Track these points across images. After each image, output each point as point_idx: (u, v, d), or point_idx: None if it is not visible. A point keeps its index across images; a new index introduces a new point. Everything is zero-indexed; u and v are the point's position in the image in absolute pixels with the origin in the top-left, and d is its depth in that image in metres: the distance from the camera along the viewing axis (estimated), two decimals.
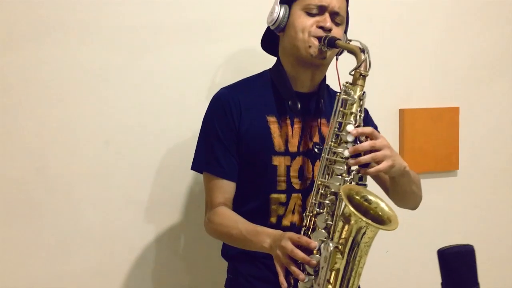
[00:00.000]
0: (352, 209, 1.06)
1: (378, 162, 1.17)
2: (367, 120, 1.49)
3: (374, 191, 1.22)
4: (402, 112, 2.02)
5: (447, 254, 1.00)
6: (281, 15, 1.32)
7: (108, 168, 1.66)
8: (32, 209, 1.60)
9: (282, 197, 1.32)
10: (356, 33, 1.89)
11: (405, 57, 2.02)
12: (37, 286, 1.61)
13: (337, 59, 1.39)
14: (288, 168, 1.33)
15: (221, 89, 1.40)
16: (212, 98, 1.39)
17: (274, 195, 1.33)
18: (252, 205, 1.35)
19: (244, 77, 1.46)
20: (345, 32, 1.41)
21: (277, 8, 1.33)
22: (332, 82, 1.42)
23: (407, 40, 2.01)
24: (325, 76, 1.41)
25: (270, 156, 1.32)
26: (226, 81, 1.50)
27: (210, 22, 1.70)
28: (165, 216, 1.73)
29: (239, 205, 1.37)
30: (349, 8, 1.41)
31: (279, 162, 1.33)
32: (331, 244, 1.09)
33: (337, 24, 1.33)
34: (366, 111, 1.50)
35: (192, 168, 1.41)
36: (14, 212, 1.58)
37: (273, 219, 1.33)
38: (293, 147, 1.34)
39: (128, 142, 1.67)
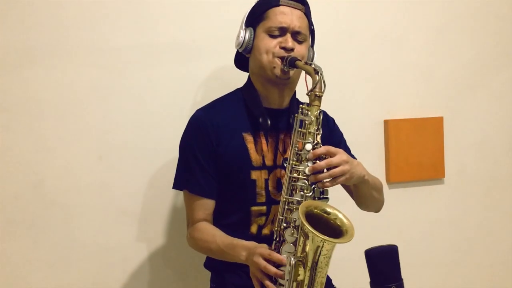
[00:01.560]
0: (308, 226, 1.13)
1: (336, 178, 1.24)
2: (334, 130, 1.57)
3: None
4: (386, 123, 2.08)
5: (372, 254, 1.07)
6: (246, 38, 1.40)
7: (102, 183, 1.73)
8: (29, 223, 1.66)
9: (263, 208, 1.39)
10: (339, 45, 1.99)
11: (389, 69, 2.09)
12: None
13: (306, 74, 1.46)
14: (266, 181, 1.40)
15: (197, 111, 1.47)
16: (189, 120, 1.46)
17: (254, 208, 1.39)
18: (233, 217, 1.42)
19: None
20: (312, 45, 1.49)
21: (242, 32, 1.41)
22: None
23: (390, 52, 2.08)
24: (295, 92, 1.48)
25: (249, 171, 1.39)
26: (213, 97, 1.56)
27: (195, 41, 1.77)
28: (158, 229, 1.79)
29: (220, 218, 1.44)
30: (314, 24, 1.49)
31: (257, 176, 1.39)
32: (292, 258, 1.16)
33: (299, 42, 1.40)
34: (332, 120, 1.59)
35: (174, 187, 1.48)
36: (12, 226, 1.64)
37: (254, 229, 1.40)
38: (269, 161, 1.41)
39: (121, 158, 1.74)
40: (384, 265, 1.05)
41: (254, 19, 1.43)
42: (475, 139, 2.21)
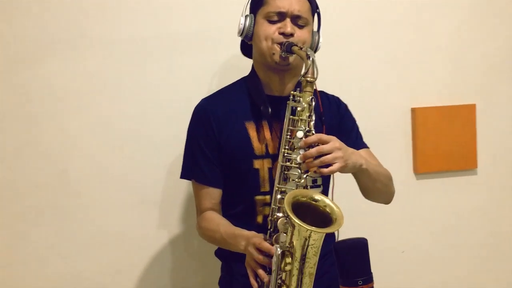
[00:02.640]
0: (292, 217, 1.11)
1: (329, 165, 1.20)
2: (345, 116, 1.52)
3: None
4: (414, 111, 2.01)
5: (340, 248, 1.03)
6: (246, 25, 1.38)
7: (123, 172, 1.78)
8: (54, 211, 1.74)
9: (267, 198, 1.37)
10: (365, 32, 1.94)
11: (416, 54, 2.01)
12: (59, 284, 1.75)
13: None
14: (270, 170, 1.38)
15: (201, 100, 1.47)
16: (193, 111, 1.47)
17: (258, 197, 1.38)
18: (239, 207, 1.42)
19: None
20: (318, 30, 1.45)
21: (242, 19, 1.39)
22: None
23: (418, 36, 2.01)
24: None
25: (251, 160, 1.38)
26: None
27: (210, 31, 1.78)
28: (177, 217, 1.82)
29: (227, 209, 1.45)
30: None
31: (260, 165, 1.38)
32: (278, 249, 1.15)
33: (300, 27, 1.36)
34: (344, 107, 1.54)
35: (181, 177, 1.49)
36: (38, 214, 1.72)
37: (260, 219, 1.39)
38: (272, 150, 1.38)
39: (141, 147, 1.78)
40: (352, 259, 1.01)
41: (254, 5, 1.41)
42: (510, 127, 2.09)
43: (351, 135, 1.50)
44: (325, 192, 1.47)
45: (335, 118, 1.48)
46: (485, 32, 2.06)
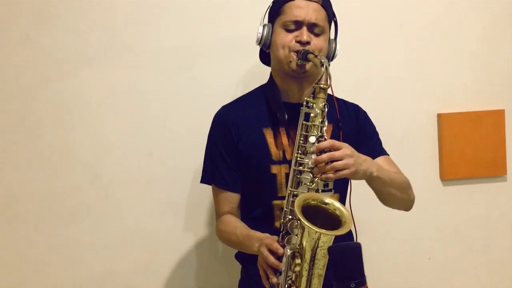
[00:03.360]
0: (302, 219, 1.14)
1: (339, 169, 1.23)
2: (364, 124, 1.54)
3: None
4: (440, 116, 2.00)
5: (334, 251, 1.05)
6: (264, 34, 1.43)
7: (152, 177, 1.86)
8: (88, 212, 1.84)
9: (284, 202, 1.39)
10: (390, 36, 1.95)
11: (443, 59, 2.00)
12: (90, 281, 1.85)
13: (328, 65, 1.45)
14: (287, 175, 1.39)
15: (221, 108, 1.53)
16: (213, 118, 1.53)
17: (276, 202, 1.42)
18: (257, 212, 1.46)
19: None
20: (335, 38, 1.48)
21: (260, 28, 1.44)
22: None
23: (444, 41, 2.00)
24: None
25: (268, 165, 1.42)
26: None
27: (235, 40, 1.84)
28: (202, 220, 1.89)
29: (246, 213, 1.50)
30: (336, 15, 1.49)
31: (278, 170, 1.42)
32: (288, 250, 1.19)
33: (317, 35, 1.40)
34: (364, 114, 1.56)
35: (201, 181, 1.55)
36: (72, 215, 1.83)
37: (277, 224, 1.41)
38: (290, 156, 1.41)
39: (169, 153, 1.86)
40: (345, 262, 1.03)
41: (272, 14, 1.45)
42: None
43: (370, 143, 1.52)
44: (342, 199, 1.50)
45: (354, 125, 1.51)
46: None
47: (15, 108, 1.79)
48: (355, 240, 1.51)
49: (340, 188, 1.46)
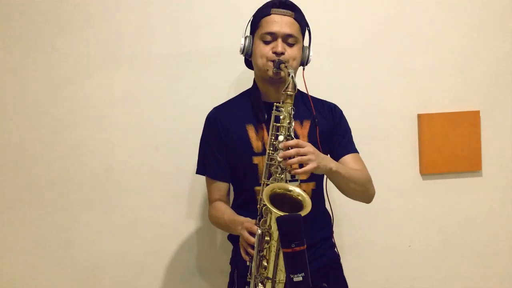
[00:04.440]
0: (268, 203, 1.34)
1: (304, 165, 1.43)
2: (339, 123, 1.73)
3: None
4: (420, 117, 2.18)
5: (280, 220, 1.23)
6: (246, 45, 1.63)
7: (158, 169, 2.08)
8: (101, 201, 2.07)
9: (260, 191, 1.56)
10: (375, 43, 2.14)
11: (423, 65, 2.17)
12: (105, 261, 2.08)
13: (303, 69, 1.66)
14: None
15: (211, 109, 1.74)
16: (205, 118, 1.74)
17: (257, 188, 1.61)
18: (242, 197, 1.67)
19: None
20: (309, 45, 1.67)
21: (242, 40, 1.65)
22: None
23: (425, 48, 2.17)
24: None
25: (251, 156, 1.62)
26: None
27: (230, 48, 2.01)
28: (204, 208, 2.10)
29: (234, 199, 1.72)
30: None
31: (259, 161, 1.62)
32: (259, 230, 1.39)
33: (290, 45, 1.59)
34: (340, 113, 1.75)
35: (196, 173, 1.76)
36: (88, 203, 2.06)
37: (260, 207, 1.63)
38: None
39: (173, 148, 2.08)
40: (288, 228, 1.20)
41: (252, 27, 1.66)
42: None
43: (343, 140, 1.71)
44: (319, 187, 1.70)
45: (329, 122, 1.70)
46: (488, 43, 2.19)
47: (39, 107, 2.03)
48: (332, 219, 1.73)
49: (317, 177, 1.66)
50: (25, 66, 2.01)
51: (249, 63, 1.74)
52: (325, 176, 1.68)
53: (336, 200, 2.10)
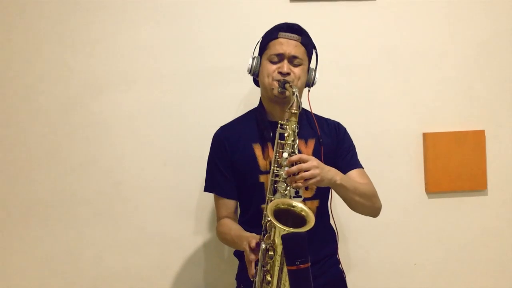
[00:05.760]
0: (272, 219, 1.36)
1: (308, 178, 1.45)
2: (343, 140, 1.76)
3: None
4: (425, 135, 2.20)
5: (285, 238, 1.26)
6: (253, 65, 1.69)
7: (165, 185, 2.12)
8: (109, 215, 2.11)
9: (264, 207, 1.59)
10: (381, 63, 2.17)
11: (429, 84, 2.21)
12: (113, 276, 2.11)
13: (309, 90, 1.70)
14: None
15: (218, 129, 1.78)
16: (212, 137, 1.78)
17: (264, 206, 1.62)
18: (249, 214, 1.70)
19: None
20: (315, 67, 1.72)
21: (250, 60, 1.70)
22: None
23: (430, 67, 2.21)
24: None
25: (257, 175, 1.66)
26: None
27: (238, 67, 2.05)
28: (211, 224, 2.13)
29: (241, 215, 1.75)
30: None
31: (265, 179, 1.65)
32: (263, 245, 1.42)
33: (296, 66, 1.64)
34: (344, 130, 1.79)
35: (204, 190, 1.79)
36: (97, 216, 2.10)
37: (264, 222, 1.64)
38: None
39: (181, 164, 2.11)
40: (293, 246, 1.22)
41: (260, 49, 1.71)
42: None
43: (347, 156, 1.74)
44: (323, 205, 1.72)
45: (333, 140, 1.73)
46: (493, 63, 2.22)
47: (51, 122, 2.08)
48: (337, 235, 1.76)
49: (322, 195, 1.69)
50: (38, 82, 2.07)
51: (257, 82, 1.78)
52: (330, 194, 1.70)
53: (341, 217, 2.13)
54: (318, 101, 1.81)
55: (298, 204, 1.46)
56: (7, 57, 2.06)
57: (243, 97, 2.11)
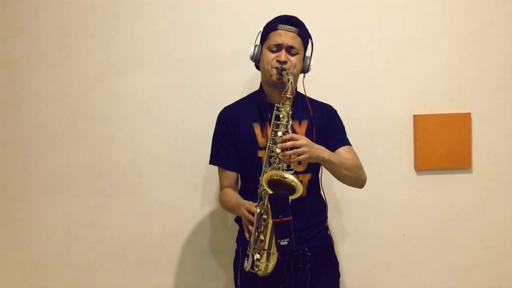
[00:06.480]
0: (265, 187, 1.58)
1: (299, 155, 1.66)
2: (334, 121, 1.95)
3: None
4: (415, 117, 2.38)
5: (271, 197, 1.44)
6: (255, 53, 1.88)
7: (177, 160, 2.34)
8: (126, 188, 2.35)
9: (260, 178, 1.77)
10: (375, 50, 2.35)
11: (419, 68, 2.36)
12: (129, 241, 2.36)
13: (304, 76, 1.89)
14: None
15: (223, 108, 1.98)
16: (217, 116, 1.97)
17: (261, 177, 1.83)
18: (248, 186, 1.91)
19: None
20: (310, 55, 1.90)
21: (252, 48, 1.89)
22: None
23: (421, 55, 2.36)
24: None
25: (256, 150, 1.86)
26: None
27: (242, 53, 2.22)
28: (216, 196, 2.34)
29: (242, 186, 1.96)
30: (313, 33, 1.91)
31: (263, 154, 1.84)
32: (258, 209, 1.64)
33: (292, 55, 1.82)
34: (334, 112, 1.97)
35: (209, 163, 2.00)
36: (115, 189, 2.34)
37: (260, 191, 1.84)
38: None
39: (191, 141, 2.33)
40: (277, 203, 1.39)
41: (261, 38, 1.90)
42: (502, 133, 2.39)
43: (337, 135, 1.93)
44: (315, 178, 1.92)
45: (325, 121, 1.93)
46: (479, 52, 2.37)
47: (73, 103, 2.31)
48: (326, 206, 1.97)
49: (313, 169, 1.89)
50: (62, 66, 2.31)
51: (258, 67, 1.97)
52: (320, 168, 1.91)
53: (336, 191, 2.34)
54: (315, 86, 1.99)
55: (289, 176, 1.67)
56: (36, 43, 2.30)
57: (246, 80, 2.30)
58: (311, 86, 1.97)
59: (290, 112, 1.74)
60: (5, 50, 2.31)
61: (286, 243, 1.32)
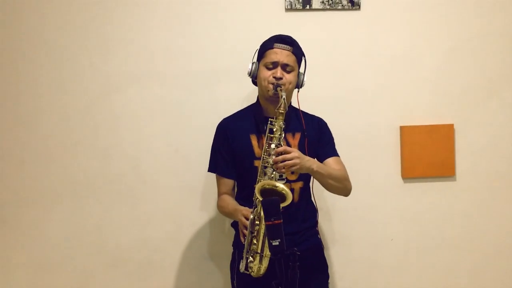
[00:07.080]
0: (258, 195, 1.72)
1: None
2: (324, 132, 2.10)
3: None
4: (402, 128, 2.53)
5: (264, 202, 1.57)
6: (252, 69, 2.01)
7: (177, 168, 2.47)
8: (129, 193, 2.47)
9: (255, 187, 1.91)
10: (363, 64, 2.50)
11: (405, 82, 2.52)
12: (132, 245, 2.47)
13: (298, 91, 2.03)
14: None
15: (222, 119, 2.11)
16: (216, 126, 2.10)
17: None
18: (244, 193, 2.04)
19: None
20: (304, 72, 2.04)
21: (250, 65, 2.03)
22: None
23: (406, 69, 2.52)
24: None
25: (252, 160, 1.99)
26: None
27: (240, 68, 2.35)
28: (215, 202, 2.45)
29: (238, 193, 2.09)
30: (307, 52, 2.05)
31: (258, 164, 1.96)
32: (251, 215, 1.78)
33: (288, 72, 1.96)
34: (325, 124, 2.12)
35: (208, 171, 2.13)
36: (118, 195, 2.46)
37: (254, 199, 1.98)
38: None
39: (192, 150, 2.46)
40: (269, 207, 1.53)
41: (258, 56, 2.04)
42: (483, 143, 2.55)
43: (327, 146, 2.08)
44: (306, 185, 2.05)
45: (316, 133, 2.07)
46: (461, 66, 2.53)
47: (79, 115, 2.44)
48: (317, 212, 2.10)
49: (305, 178, 2.03)
50: (68, 79, 2.43)
51: (255, 82, 2.11)
52: (311, 177, 2.05)
53: (327, 199, 2.48)
54: (307, 99, 2.14)
55: (280, 185, 1.82)
56: (43, 57, 2.43)
57: (244, 95, 2.44)
58: (304, 100, 2.12)
59: (283, 126, 1.88)
60: (11, 61, 2.43)
61: (277, 243, 1.46)
